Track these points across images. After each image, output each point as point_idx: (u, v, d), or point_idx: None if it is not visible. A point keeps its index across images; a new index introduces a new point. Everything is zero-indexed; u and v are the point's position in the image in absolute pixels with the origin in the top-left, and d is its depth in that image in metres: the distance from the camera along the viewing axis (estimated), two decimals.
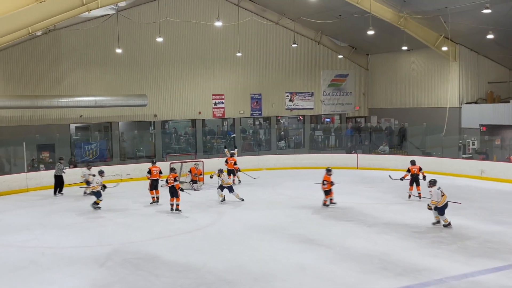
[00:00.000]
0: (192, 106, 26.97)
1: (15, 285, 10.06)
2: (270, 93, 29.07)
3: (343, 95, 31.43)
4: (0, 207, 17.43)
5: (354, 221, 14.64)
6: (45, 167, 21.97)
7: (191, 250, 12.04)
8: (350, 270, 10.47)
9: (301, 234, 13.22)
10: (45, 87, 23.09)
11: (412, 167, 17.78)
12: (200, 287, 9.78)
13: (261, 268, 10.72)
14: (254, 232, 13.60)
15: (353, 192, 18.98)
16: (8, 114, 22.30)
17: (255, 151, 28.49)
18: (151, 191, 17.54)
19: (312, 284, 9.85)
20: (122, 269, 10.84)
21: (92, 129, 25.67)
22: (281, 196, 18.72)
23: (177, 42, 26.18)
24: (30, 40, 22.47)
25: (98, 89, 24.05)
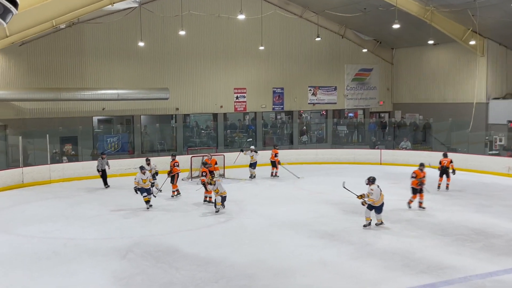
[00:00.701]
0: (214, 100, 26.92)
1: (38, 275, 10.14)
2: (292, 87, 28.86)
3: (367, 90, 31.07)
4: (24, 198, 17.63)
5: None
6: (68, 159, 22.15)
7: (211, 244, 11.99)
8: (372, 267, 10.34)
9: (323, 230, 13.09)
10: (69, 80, 23.26)
11: (443, 159, 18.21)
12: (220, 281, 9.74)
13: (282, 263, 10.66)
14: (275, 227, 13.51)
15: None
16: (32, 106, 22.53)
17: (276, 145, 28.24)
18: (175, 184, 17.55)
19: (333, 280, 9.74)
20: (142, 261, 10.87)
21: (114, 122, 25.82)
22: (303, 191, 18.55)
23: (199, 35, 26.13)
24: (54, 33, 22.64)
25: (120, 82, 24.15)
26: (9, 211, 15.80)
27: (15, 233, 13.19)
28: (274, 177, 21.27)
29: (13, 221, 14.55)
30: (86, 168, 20.71)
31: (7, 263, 10.88)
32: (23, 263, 10.87)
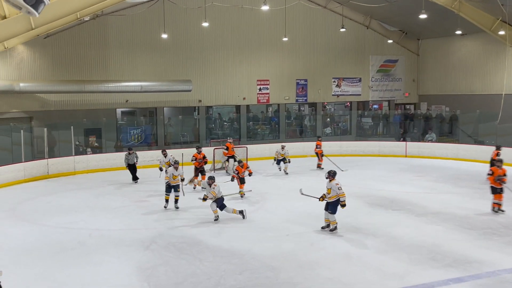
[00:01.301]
0: (237, 91, 26.82)
1: (64, 265, 10.23)
2: (316, 78, 28.58)
3: (392, 81, 30.61)
4: (50, 189, 17.83)
5: (402, 210, 14.28)
6: (92, 151, 22.32)
7: (235, 236, 11.94)
8: (398, 260, 10.21)
9: (348, 222, 12.92)
10: (92, 72, 23.39)
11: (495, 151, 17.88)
12: (244, 272, 9.70)
13: (306, 255, 10.59)
14: (299, 220, 13.42)
15: (401, 181, 18.52)
16: (57, 98, 22.73)
17: (299, 137, 28.14)
18: (195, 176, 17.50)
19: (359, 273, 9.64)
20: (166, 252, 10.89)
21: (137, 114, 25.93)
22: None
23: (222, 27, 26.02)
24: (78, 26, 22.77)
25: (143, 74, 24.21)
26: (35, 202, 16.00)
27: (41, 224, 13.34)
28: (318, 169, 21.00)
29: (39, 211, 14.72)
30: (110, 159, 20.85)
31: (35, 252, 11.00)
32: (49, 252, 10.98)
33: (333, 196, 12.04)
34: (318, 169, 21.07)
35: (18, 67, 21.83)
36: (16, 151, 19.60)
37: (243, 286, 9.08)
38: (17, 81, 21.19)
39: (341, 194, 11.96)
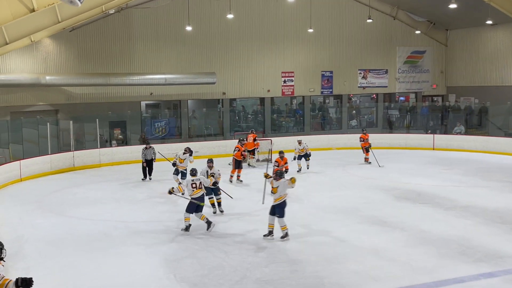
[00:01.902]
0: (261, 84, 26.67)
1: (90, 256, 10.29)
2: (342, 70, 28.23)
3: (419, 73, 30.05)
4: (76, 181, 17.98)
5: (430, 204, 14.03)
6: (117, 144, 22.44)
7: (261, 228, 11.80)
8: (426, 254, 10.02)
9: (375, 216, 12.79)
10: (117, 65, 23.49)
11: None
12: (270, 265, 9.62)
13: (333, 249, 10.47)
14: (325, 213, 13.27)
15: (429, 174, 18.20)
16: (82, 91, 22.90)
17: (325, 130, 27.88)
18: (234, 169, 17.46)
19: (386, 267, 9.47)
20: (192, 245, 10.85)
21: (161, 106, 26.00)
22: (353, 176, 18.15)
23: (247, 19, 25.84)
24: (103, 19, 22.88)
25: (168, 67, 24.23)
26: (61, 194, 16.14)
27: (67, 215, 13.45)
28: (366, 163, 20.25)
29: (65, 203, 14.85)
30: (135, 152, 20.89)
31: (62, 243, 11.09)
32: (76, 244, 11.06)
33: (279, 198, 10.94)
34: (366, 163, 20.27)
35: (45, 61, 22.04)
36: (42, 143, 19.82)
37: (269, 279, 8.99)
38: (43, 74, 21.41)
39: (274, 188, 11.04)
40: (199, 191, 11.72)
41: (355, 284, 8.75)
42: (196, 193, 11.66)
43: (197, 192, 11.67)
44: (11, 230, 12.09)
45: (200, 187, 11.74)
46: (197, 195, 11.66)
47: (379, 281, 8.89)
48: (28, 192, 16.32)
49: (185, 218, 11.69)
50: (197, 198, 11.65)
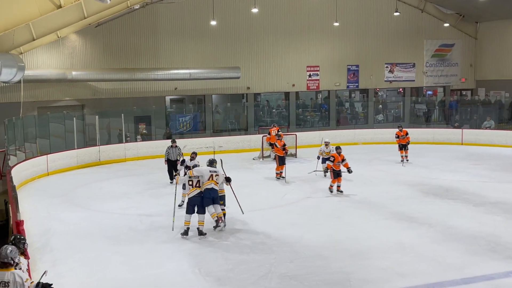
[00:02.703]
0: (286, 78, 26.50)
1: (116, 249, 10.36)
2: (368, 64, 27.87)
3: (447, 66, 29.49)
4: (101, 175, 18.11)
5: (458, 199, 13.75)
6: (142, 139, 22.57)
7: (285, 223, 11.75)
8: (454, 251, 9.81)
9: (401, 211, 12.59)
10: (142, 60, 23.59)
11: None
12: (295, 261, 9.53)
13: (358, 245, 10.34)
14: (350, 208, 13.12)
15: (457, 169, 17.85)
16: (107, 86, 23.08)
17: (351, 124, 27.58)
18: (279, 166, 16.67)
19: (413, 264, 9.31)
20: (216, 239, 10.82)
21: (186, 101, 26.05)
22: (379, 172, 17.89)
23: (272, 12, 25.68)
24: (128, 14, 22.99)
25: (192, 62, 24.25)
26: (88, 188, 16.27)
27: (94, 209, 13.54)
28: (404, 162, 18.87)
29: (91, 197, 14.96)
30: (159, 147, 20.92)
31: (90, 237, 11.19)
32: (102, 237, 11.13)
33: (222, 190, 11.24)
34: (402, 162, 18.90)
35: (71, 56, 22.28)
36: (69, 138, 20.02)
37: (294, 274, 8.90)
38: (69, 69, 21.64)
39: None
40: (194, 189, 10.89)
41: (381, 280, 8.62)
42: (192, 191, 10.93)
43: (193, 191, 10.92)
44: (38, 223, 12.23)
45: (197, 185, 10.88)
46: (193, 194, 10.90)
47: (405, 277, 8.73)
48: (55, 186, 16.50)
49: (185, 221, 10.95)
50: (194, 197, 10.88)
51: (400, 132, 19.21)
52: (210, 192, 10.90)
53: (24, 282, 5.97)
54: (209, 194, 10.88)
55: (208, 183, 10.89)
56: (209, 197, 10.87)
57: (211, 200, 10.90)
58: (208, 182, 10.90)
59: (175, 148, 15.93)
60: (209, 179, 10.91)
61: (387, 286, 8.40)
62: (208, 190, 10.87)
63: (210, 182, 10.91)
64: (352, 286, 8.41)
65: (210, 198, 10.88)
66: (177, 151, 15.89)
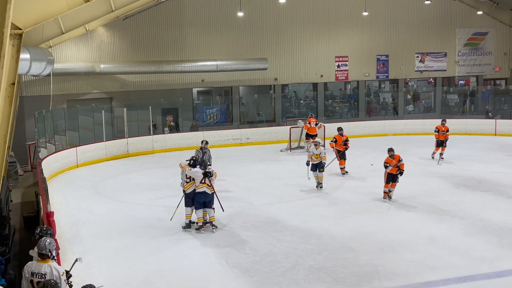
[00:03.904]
0: (314, 69, 26.20)
1: (144, 240, 10.44)
2: (398, 54, 27.33)
3: (480, 55, 28.69)
4: (129, 167, 18.26)
5: (491, 191, 13.45)
6: (169, 131, 22.65)
7: (313, 215, 11.64)
8: (487, 244, 9.63)
9: (432, 204, 12.38)
10: (169, 52, 23.63)
11: None
12: (323, 253, 9.45)
13: (387, 237, 10.19)
14: (379, 201, 12.92)
15: (490, 161, 17.43)
16: (135, 79, 23.20)
17: (380, 115, 27.13)
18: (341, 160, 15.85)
19: (444, 257, 9.13)
20: (243, 231, 10.80)
21: (213, 93, 26.03)
22: (409, 163, 17.44)
23: (299, 2, 25.35)
24: (155, 7, 23.01)
25: (219, 54, 24.17)
26: (116, 180, 16.44)
27: (122, 200, 13.69)
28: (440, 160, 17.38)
29: (120, 189, 15.12)
30: (187, 139, 21.06)
31: (116, 228, 11.30)
32: (130, 228, 11.25)
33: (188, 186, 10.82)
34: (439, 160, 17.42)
35: (99, 49, 22.45)
36: (97, 130, 20.24)
37: (322, 266, 8.81)
38: (97, 62, 21.82)
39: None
40: (203, 185, 10.64)
41: (411, 273, 8.47)
42: (189, 186, 10.77)
43: (190, 186, 10.76)
44: (68, 214, 12.40)
45: (202, 182, 10.64)
46: (202, 190, 10.65)
47: (436, 270, 8.57)
48: (84, 178, 16.71)
49: (186, 215, 10.90)
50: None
51: (441, 127, 17.61)
52: (201, 196, 10.59)
53: (60, 276, 6.01)
54: (200, 198, 10.59)
55: (200, 186, 10.58)
56: (200, 201, 10.59)
57: (201, 204, 10.62)
58: (200, 185, 10.58)
59: (206, 152, 13.85)
60: (201, 183, 10.58)
61: (417, 279, 8.25)
62: (199, 194, 10.56)
63: (202, 186, 10.57)
64: (380, 279, 8.27)
65: (200, 203, 10.61)
66: (208, 154, 13.99)
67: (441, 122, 17.96)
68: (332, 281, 8.24)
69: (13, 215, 12.29)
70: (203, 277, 8.59)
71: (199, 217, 10.71)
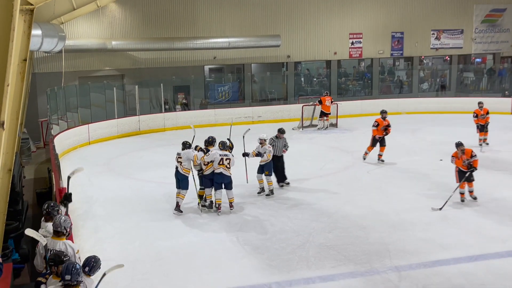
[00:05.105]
0: (327, 46, 25.86)
1: (155, 217, 10.50)
2: (413, 31, 26.86)
3: (498, 32, 28.10)
4: (141, 145, 18.29)
5: (506, 171, 13.28)
6: (180, 108, 22.60)
7: (324, 194, 11.57)
8: (500, 223, 9.54)
9: (445, 183, 12.16)
10: (181, 29, 23.40)
11: None
12: (334, 231, 9.43)
13: (400, 216, 10.11)
14: (391, 179, 12.84)
15: (505, 140, 17.15)
16: (147, 56, 23.07)
17: (394, 94, 26.83)
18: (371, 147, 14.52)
19: (456, 235, 9.08)
20: (254, 209, 10.80)
21: (225, 70, 25.86)
22: (423, 142, 17.39)
23: None
24: None
25: (231, 30, 23.92)
26: (128, 157, 16.48)
27: (134, 178, 13.73)
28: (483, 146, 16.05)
29: (131, 166, 15.15)
30: (198, 117, 21.01)
31: (130, 204, 11.37)
32: (142, 205, 11.29)
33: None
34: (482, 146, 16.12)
35: (110, 26, 22.31)
36: (109, 108, 20.23)
37: (332, 244, 8.78)
38: (109, 39, 21.71)
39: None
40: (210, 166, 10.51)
41: (422, 251, 8.42)
42: (208, 168, 10.53)
43: (208, 168, 10.52)
44: (80, 191, 12.42)
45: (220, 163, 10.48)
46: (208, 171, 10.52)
47: (448, 249, 8.51)
48: (96, 155, 16.77)
49: (206, 195, 10.83)
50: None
51: (479, 111, 16.21)
52: (219, 177, 10.41)
53: (75, 253, 6.04)
54: (219, 179, 10.42)
55: (218, 168, 10.37)
56: (219, 182, 10.43)
57: (220, 185, 10.46)
58: (218, 167, 10.38)
59: (281, 140, 12.18)
60: (219, 164, 10.39)
61: (429, 258, 8.19)
62: (218, 175, 10.40)
63: (219, 167, 10.38)
64: (391, 257, 8.22)
65: (219, 183, 10.44)
66: (283, 142, 12.20)
67: (478, 105, 16.43)
68: (342, 259, 8.22)
69: (26, 191, 12.39)
70: (214, 254, 8.61)
71: (217, 198, 10.51)
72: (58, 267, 5.36)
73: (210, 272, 7.92)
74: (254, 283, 7.55)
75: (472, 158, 10.78)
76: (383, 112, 14.37)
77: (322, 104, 20.01)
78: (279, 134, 12.09)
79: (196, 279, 7.74)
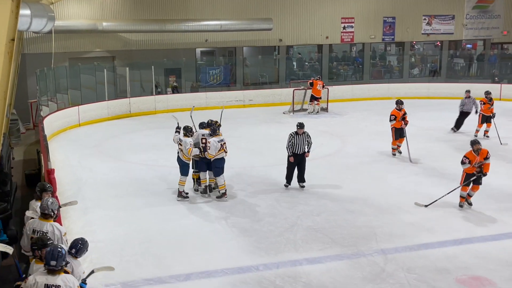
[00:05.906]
0: (319, 30, 25.77)
1: (146, 200, 10.53)
2: (405, 16, 26.79)
3: (489, 19, 28.09)
4: (131, 127, 18.24)
5: (492, 156, 13.03)
6: (172, 91, 22.50)
7: (313, 177, 11.61)
8: (485, 208, 9.75)
9: (434, 167, 12.41)
10: (173, 11, 23.15)
11: None
12: (321, 214, 9.55)
13: (387, 200, 10.25)
14: (380, 164, 12.96)
15: (493, 125, 17.14)
16: (138, 37, 22.84)
17: (385, 78, 26.89)
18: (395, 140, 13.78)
19: (442, 219, 9.24)
20: (243, 191, 10.89)
21: (216, 53, 25.72)
22: (412, 127, 17.31)
23: None
24: None
25: (223, 13, 23.74)
26: (118, 139, 16.45)
27: (124, 160, 13.72)
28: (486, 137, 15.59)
29: (122, 148, 15.13)
30: (189, 99, 20.87)
31: (119, 187, 11.39)
32: (132, 188, 11.30)
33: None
34: (485, 137, 15.64)
35: (101, 7, 22.01)
36: (99, 89, 20.10)
37: (319, 227, 8.90)
38: (100, 20, 21.46)
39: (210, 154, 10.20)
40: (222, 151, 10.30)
41: (409, 235, 8.55)
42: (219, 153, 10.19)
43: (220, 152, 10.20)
44: (70, 173, 12.47)
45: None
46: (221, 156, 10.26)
47: (434, 233, 8.65)
48: (86, 136, 16.71)
49: (202, 180, 10.69)
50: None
51: (486, 100, 15.56)
52: (220, 161, 10.26)
53: (62, 236, 6.08)
54: (220, 163, 10.25)
55: (219, 153, 10.17)
56: (219, 167, 10.27)
57: (222, 169, 10.33)
58: (218, 152, 10.16)
59: (301, 136, 11.03)
60: (220, 149, 10.20)
61: (415, 241, 8.33)
62: (218, 160, 10.21)
63: (220, 152, 10.19)
64: (378, 240, 8.34)
65: (220, 168, 10.29)
66: (305, 138, 11.09)
67: (485, 95, 15.76)
68: (329, 242, 8.33)
69: (15, 172, 12.37)
70: (202, 236, 8.69)
71: (220, 184, 10.34)
72: (42, 250, 5.31)
73: (198, 254, 7.99)
74: (241, 265, 7.63)
75: (485, 161, 9.59)
76: (398, 103, 13.52)
77: (313, 88, 20.02)
78: (299, 129, 11.01)
79: (185, 259, 7.81)
